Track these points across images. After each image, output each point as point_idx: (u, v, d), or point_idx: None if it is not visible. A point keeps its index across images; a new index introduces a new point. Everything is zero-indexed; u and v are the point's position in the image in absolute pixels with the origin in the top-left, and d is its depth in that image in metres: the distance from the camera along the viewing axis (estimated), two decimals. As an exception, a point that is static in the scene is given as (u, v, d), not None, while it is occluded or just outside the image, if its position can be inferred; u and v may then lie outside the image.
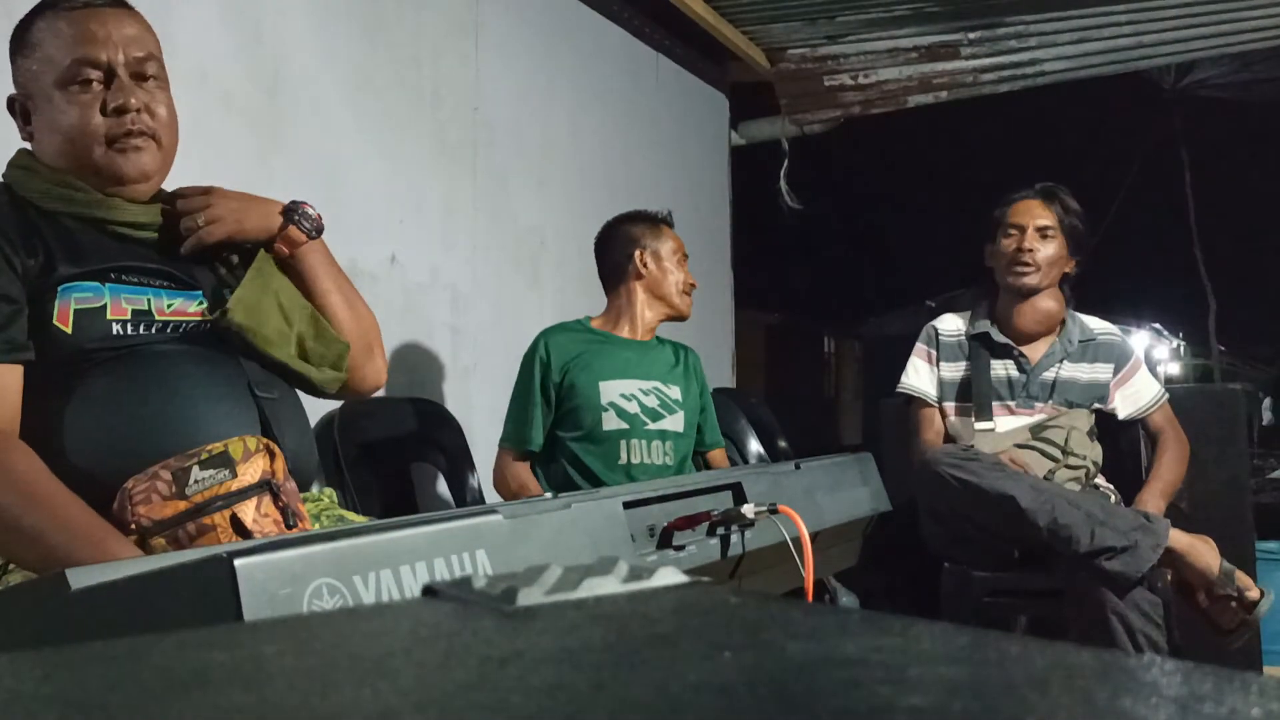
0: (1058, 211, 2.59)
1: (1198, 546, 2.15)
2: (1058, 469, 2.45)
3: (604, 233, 2.68)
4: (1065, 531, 2.13)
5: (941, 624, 0.41)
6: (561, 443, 2.48)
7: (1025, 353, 2.61)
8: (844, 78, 4.64)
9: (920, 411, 2.69)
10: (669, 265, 2.60)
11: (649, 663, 0.35)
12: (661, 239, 2.62)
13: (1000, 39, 4.21)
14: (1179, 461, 2.55)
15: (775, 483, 1.58)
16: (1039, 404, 2.57)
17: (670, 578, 0.45)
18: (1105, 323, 2.71)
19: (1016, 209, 2.62)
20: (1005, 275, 2.60)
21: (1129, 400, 2.63)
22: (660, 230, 2.64)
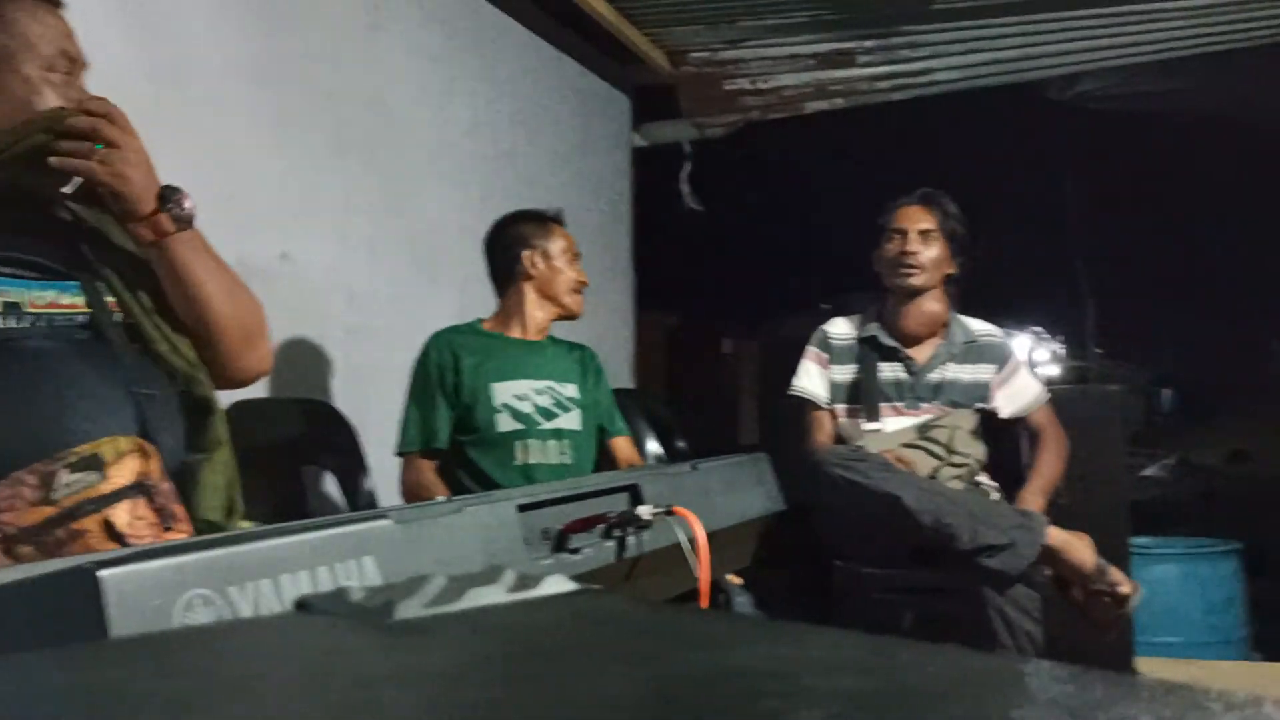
0: (938, 215, 2.68)
1: (1074, 543, 2.24)
2: (942, 468, 2.53)
3: (492, 233, 2.66)
4: (948, 530, 2.20)
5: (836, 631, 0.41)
6: (455, 446, 2.45)
7: (912, 355, 2.68)
8: (744, 82, 4.69)
9: (812, 414, 2.74)
10: (559, 264, 2.58)
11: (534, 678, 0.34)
12: (551, 238, 2.60)
13: (894, 48, 4.32)
14: (1058, 460, 2.64)
15: (673, 483, 1.59)
16: (925, 404, 2.65)
17: (559, 586, 0.45)
18: (988, 325, 2.79)
19: (899, 214, 2.70)
20: (890, 277, 2.68)
21: (1010, 400, 2.72)
22: (549, 229, 2.62)
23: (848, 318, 2.81)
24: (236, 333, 1.51)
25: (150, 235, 1.42)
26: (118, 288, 1.42)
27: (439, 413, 2.44)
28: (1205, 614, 4.13)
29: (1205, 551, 4.32)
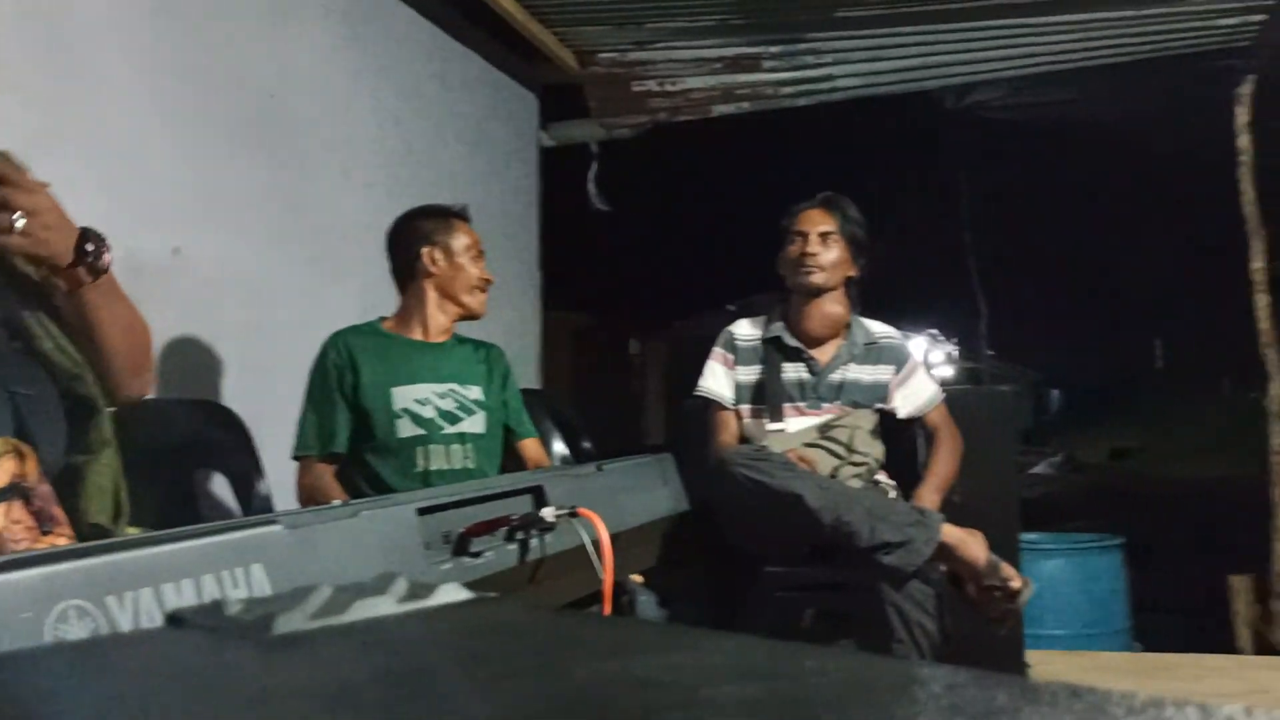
0: (838, 219, 2.72)
1: (967, 540, 2.30)
2: (842, 466, 2.57)
3: (393, 228, 2.57)
4: (847, 528, 2.24)
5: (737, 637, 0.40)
6: (354, 453, 2.39)
7: (814, 356, 2.73)
8: (652, 84, 4.71)
9: (717, 414, 2.77)
10: (460, 261, 2.50)
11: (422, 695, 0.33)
12: (453, 234, 2.51)
13: (798, 54, 4.38)
14: (953, 458, 2.71)
15: (577, 485, 1.59)
16: (827, 404, 2.69)
17: (453, 594, 0.43)
18: (887, 327, 2.85)
19: (800, 217, 2.75)
20: (791, 278, 2.72)
21: (908, 400, 2.78)
22: (452, 225, 2.53)
23: (753, 319, 2.85)
24: (126, 365, 1.47)
25: (66, 286, 1.38)
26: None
27: (337, 416, 2.37)
28: (1091, 607, 4.29)
29: (1090, 546, 4.49)
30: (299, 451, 2.40)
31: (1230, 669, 3.45)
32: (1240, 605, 4.31)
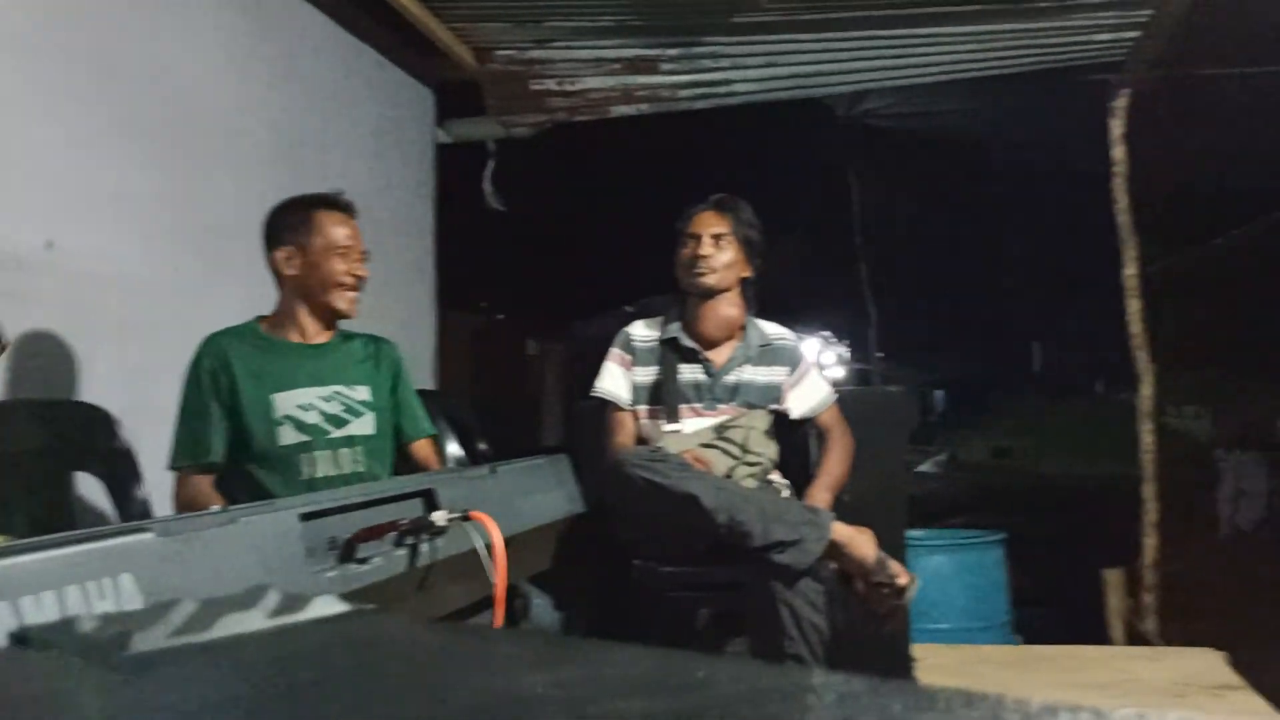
0: (731, 220, 2.75)
1: (857, 538, 2.35)
2: (737, 467, 2.60)
3: (264, 224, 2.42)
4: (741, 527, 2.26)
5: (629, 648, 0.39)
6: (235, 462, 2.27)
7: (710, 357, 2.75)
8: (550, 83, 4.68)
9: (614, 415, 2.77)
10: (318, 259, 2.32)
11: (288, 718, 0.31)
12: (312, 231, 2.33)
13: (696, 58, 4.41)
14: (845, 458, 2.77)
15: (470, 488, 1.57)
16: (723, 405, 2.72)
17: (328, 607, 0.41)
18: (781, 328, 2.90)
19: (694, 220, 2.77)
20: (686, 279, 2.74)
21: (801, 401, 2.82)
22: (312, 221, 2.34)
23: (650, 320, 2.85)
24: None
25: None
26: None
27: (212, 425, 2.25)
28: (973, 601, 4.43)
29: (973, 542, 4.63)
30: (174, 463, 2.27)
31: (1104, 659, 3.60)
32: (1113, 598, 4.50)
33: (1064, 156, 6.24)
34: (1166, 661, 3.53)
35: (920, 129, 6.14)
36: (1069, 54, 4.28)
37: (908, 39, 4.11)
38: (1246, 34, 4.17)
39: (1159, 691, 3.15)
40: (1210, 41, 4.22)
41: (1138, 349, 4.58)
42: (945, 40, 4.11)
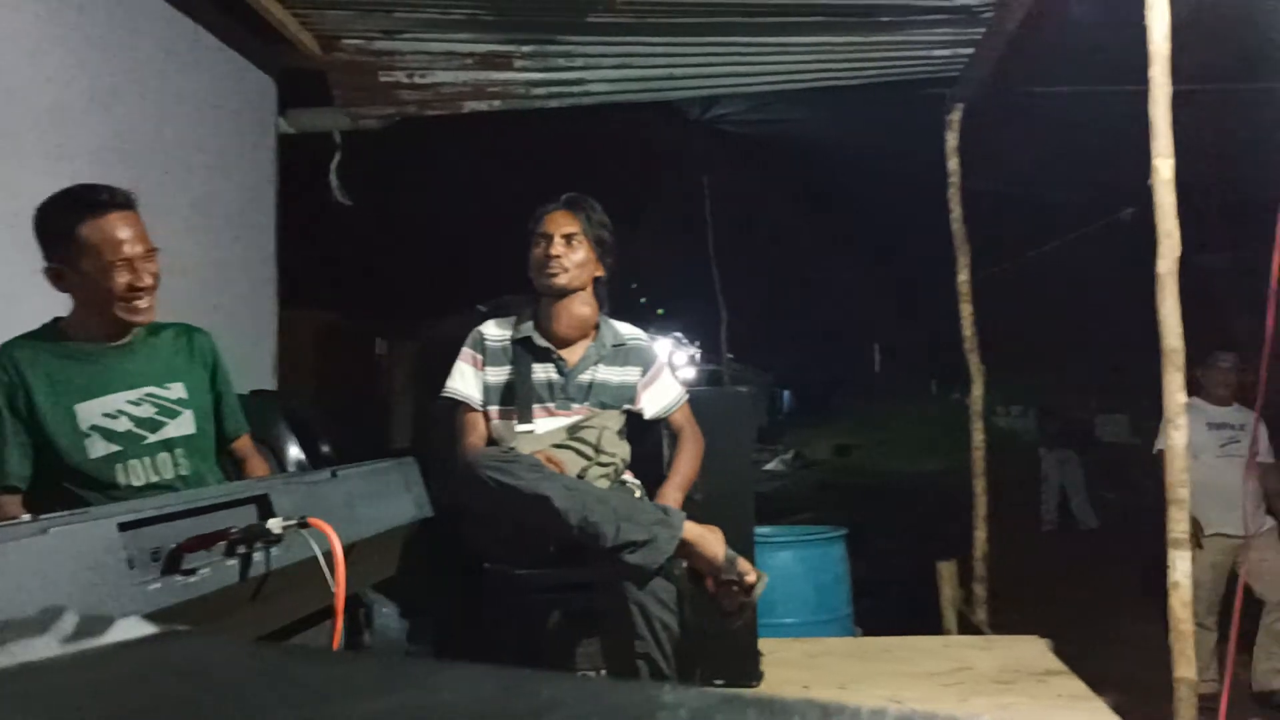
0: (583, 220, 2.74)
1: (707, 537, 2.37)
2: (590, 467, 2.59)
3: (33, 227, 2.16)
4: (594, 528, 2.25)
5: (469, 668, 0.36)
6: (44, 481, 2.09)
7: (564, 356, 2.73)
8: (400, 75, 4.57)
9: (465, 416, 2.72)
10: (94, 277, 2.08)
11: None
12: (81, 251, 2.08)
13: (550, 56, 4.39)
14: (695, 458, 2.79)
15: (308, 493, 1.50)
16: (576, 405, 2.70)
17: (132, 630, 0.37)
18: (634, 328, 2.90)
19: (546, 219, 2.76)
20: (538, 279, 2.72)
21: (654, 401, 2.83)
22: (78, 238, 2.07)
23: (502, 320, 2.82)
24: None
25: None
26: None
27: (9, 443, 2.05)
28: (817, 595, 4.56)
29: (817, 538, 4.77)
30: None
31: (938, 649, 3.76)
32: (947, 589, 4.70)
33: (905, 166, 6.51)
34: (996, 649, 3.71)
35: (770, 135, 6.28)
36: (909, 68, 4.45)
37: (756, 47, 4.19)
38: (1069, 54, 4.44)
39: (989, 679, 3.30)
40: (1037, 61, 4.47)
41: (970, 351, 4.80)
42: (792, 49, 4.21)
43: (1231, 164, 5.54)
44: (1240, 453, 4.82)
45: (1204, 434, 4.88)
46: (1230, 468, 4.76)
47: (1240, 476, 4.66)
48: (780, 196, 8.48)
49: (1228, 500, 4.68)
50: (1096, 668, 3.91)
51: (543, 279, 2.71)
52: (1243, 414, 4.93)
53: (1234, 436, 4.95)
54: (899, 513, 11.33)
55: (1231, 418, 4.99)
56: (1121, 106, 3.21)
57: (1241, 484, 4.66)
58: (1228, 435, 4.95)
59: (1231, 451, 4.90)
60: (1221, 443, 4.94)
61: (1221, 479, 4.71)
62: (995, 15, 3.86)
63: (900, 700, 3.05)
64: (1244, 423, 4.87)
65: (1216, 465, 4.83)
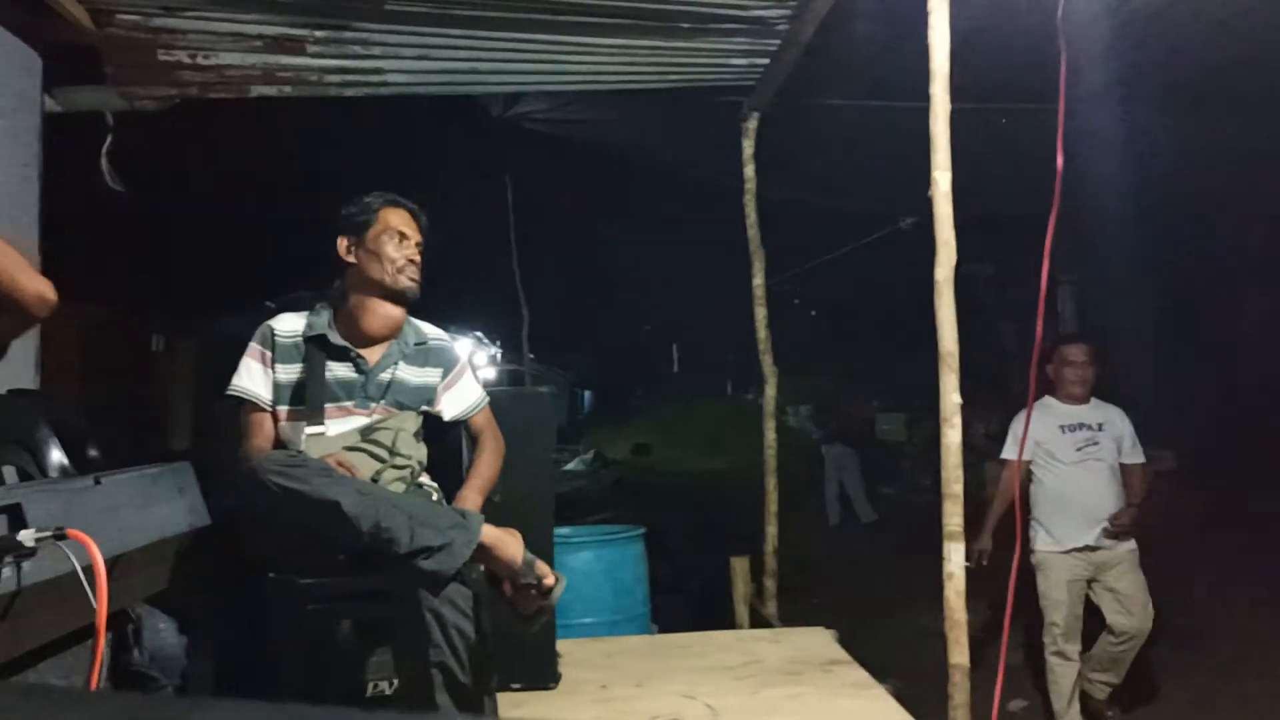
0: (423, 229, 2.73)
1: (505, 540, 2.34)
2: (385, 470, 2.51)
3: None
4: (387, 534, 2.18)
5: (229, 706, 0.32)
6: None
7: (364, 355, 2.64)
8: (181, 55, 4.28)
9: (250, 416, 2.58)
10: None
11: None
12: None
13: (346, 42, 4.22)
14: (495, 460, 2.76)
15: (68, 501, 1.37)
16: (374, 404, 2.61)
17: None
18: (436, 328, 2.84)
19: (402, 217, 2.68)
20: (389, 278, 2.62)
21: (455, 403, 2.78)
22: None
23: (296, 314, 2.68)
24: None
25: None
26: None
27: None
28: (616, 595, 4.60)
29: (616, 538, 4.81)
30: None
31: (731, 643, 3.86)
32: (740, 584, 4.84)
33: (705, 171, 6.67)
34: (785, 641, 3.85)
35: (573, 136, 6.29)
36: (708, 75, 4.55)
37: (560, 45, 4.18)
38: (858, 68, 4.66)
39: (779, 670, 3.42)
40: (828, 73, 4.67)
41: (764, 353, 4.96)
42: (595, 50, 4.22)
43: (996, 179, 5.99)
44: (1101, 456, 4.39)
45: (1057, 437, 4.44)
46: (1090, 474, 4.36)
47: (1103, 483, 4.35)
48: (583, 197, 8.52)
49: (1087, 512, 4.33)
50: (879, 656, 4.13)
51: (398, 280, 2.64)
52: (1101, 411, 4.50)
53: (1092, 438, 4.43)
54: (696, 510, 11.62)
55: (1088, 416, 4.48)
56: (905, 121, 3.40)
57: (1104, 491, 4.35)
58: (1084, 437, 4.43)
59: (1091, 455, 4.40)
60: (1078, 446, 4.42)
61: (1080, 487, 4.35)
62: (790, 27, 4.00)
63: (695, 695, 3.11)
64: (1103, 421, 4.45)
65: (1073, 473, 4.38)
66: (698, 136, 5.97)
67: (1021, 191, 5.86)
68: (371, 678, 2.56)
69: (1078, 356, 4.48)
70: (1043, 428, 4.43)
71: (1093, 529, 4.31)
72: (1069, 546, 4.35)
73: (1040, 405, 4.49)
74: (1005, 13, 3.82)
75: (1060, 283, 9.94)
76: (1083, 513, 4.33)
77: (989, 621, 5.30)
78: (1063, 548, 4.36)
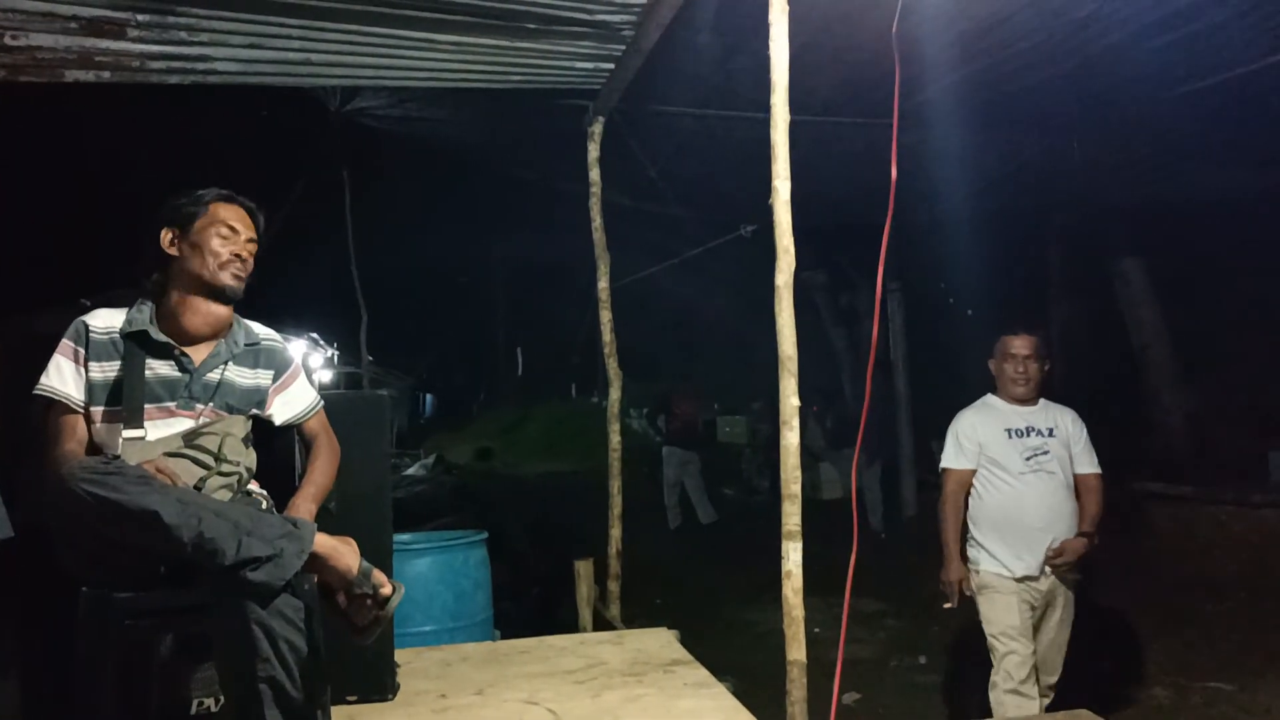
0: (258, 228, 2.60)
1: (339, 549, 2.26)
2: (210, 477, 2.38)
3: None
4: (211, 545, 2.07)
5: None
6: None
7: (188, 353, 2.50)
8: (-14, 33, 3.96)
9: (60, 419, 2.40)
10: None
11: None
12: None
13: (170, 27, 3.99)
14: (330, 466, 2.66)
15: None
16: (200, 406, 2.48)
17: None
18: (269, 329, 2.72)
19: (233, 211, 2.56)
20: (217, 275, 2.50)
21: (287, 407, 2.67)
22: None
23: (114, 310, 2.52)
24: None
25: None
26: None
27: None
28: (456, 601, 4.52)
29: (457, 543, 4.73)
30: None
31: (573, 647, 3.85)
32: (583, 587, 4.84)
33: (550, 174, 6.66)
34: (627, 643, 3.86)
35: (414, 133, 6.16)
36: (553, 77, 4.53)
37: (400, 40, 4.07)
38: (702, 77, 4.74)
39: (620, 672, 3.43)
40: (673, 81, 4.73)
41: (609, 357, 4.98)
42: (438, 46, 4.14)
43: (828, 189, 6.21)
44: (1054, 467, 3.73)
45: (1003, 443, 3.78)
46: (1040, 488, 3.71)
47: (1058, 499, 3.71)
48: (426, 197, 8.37)
49: (1035, 533, 3.69)
50: (720, 655, 4.21)
51: (225, 276, 2.50)
52: (1052, 413, 3.85)
53: (1042, 445, 3.76)
54: (540, 514, 11.57)
55: (1038, 419, 3.82)
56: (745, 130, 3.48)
57: (1059, 509, 3.71)
58: (1034, 444, 3.76)
59: (1042, 465, 3.74)
60: (1026, 454, 3.75)
61: (1028, 503, 3.70)
62: (634, 33, 4.02)
63: (536, 701, 3.08)
64: (1054, 426, 3.81)
65: (1021, 487, 3.72)
66: (543, 139, 5.95)
67: (851, 201, 6.12)
68: (196, 695, 2.44)
69: (1021, 349, 3.80)
70: (986, 430, 3.82)
71: (1042, 554, 3.69)
72: (1021, 574, 3.71)
73: (981, 404, 3.93)
74: (842, 28, 3.97)
75: (889, 290, 10.39)
76: (1030, 534, 3.69)
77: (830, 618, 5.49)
78: (1014, 574, 3.71)
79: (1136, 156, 6.24)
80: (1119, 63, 4.47)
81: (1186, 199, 7.46)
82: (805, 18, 3.04)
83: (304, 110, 5.69)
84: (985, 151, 5.98)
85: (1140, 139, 5.82)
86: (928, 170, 5.94)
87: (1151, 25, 4.10)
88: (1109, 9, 3.96)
